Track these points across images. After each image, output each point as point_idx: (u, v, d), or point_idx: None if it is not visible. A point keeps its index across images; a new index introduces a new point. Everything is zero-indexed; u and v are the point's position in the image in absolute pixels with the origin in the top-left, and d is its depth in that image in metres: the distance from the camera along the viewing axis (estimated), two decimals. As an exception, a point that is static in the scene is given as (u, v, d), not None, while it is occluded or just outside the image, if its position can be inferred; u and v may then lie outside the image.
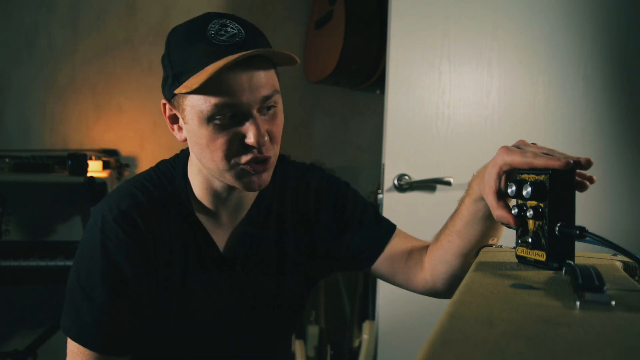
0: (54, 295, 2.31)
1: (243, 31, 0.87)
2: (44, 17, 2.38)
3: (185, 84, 0.85)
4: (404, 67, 1.77)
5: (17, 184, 2.17)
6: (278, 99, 0.91)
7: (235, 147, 0.87)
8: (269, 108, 0.89)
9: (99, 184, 2.04)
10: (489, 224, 0.90)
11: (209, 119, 0.86)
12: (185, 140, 0.94)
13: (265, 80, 0.87)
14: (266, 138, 0.87)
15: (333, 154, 2.61)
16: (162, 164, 1.03)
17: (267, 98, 0.87)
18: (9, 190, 2.08)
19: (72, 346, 0.92)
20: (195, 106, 0.86)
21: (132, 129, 2.45)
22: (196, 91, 0.85)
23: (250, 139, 0.86)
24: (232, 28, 0.86)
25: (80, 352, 0.91)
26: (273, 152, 0.91)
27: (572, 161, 0.70)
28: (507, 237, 0.96)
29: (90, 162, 2.12)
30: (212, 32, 0.85)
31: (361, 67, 2.21)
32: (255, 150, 0.88)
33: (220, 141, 0.87)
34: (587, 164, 0.71)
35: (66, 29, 2.40)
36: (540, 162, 0.73)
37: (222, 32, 0.86)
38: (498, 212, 0.78)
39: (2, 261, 1.94)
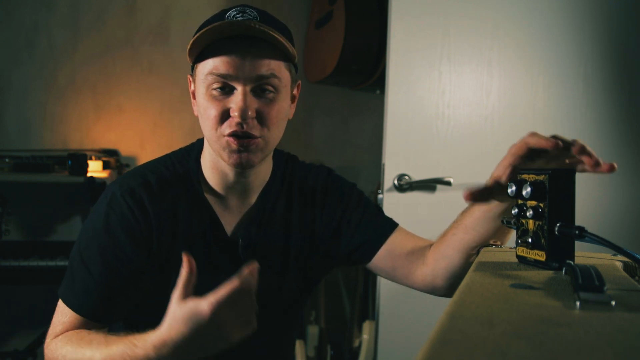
0: (54, 295, 2.31)
1: (259, 18, 0.92)
2: (44, 17, 2.38)
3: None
4: (404, 67, 1.77)
5: (17, 184, 2.17)
6: (278, 85, 0.93)
7: (222, 118, 0.92)
8: (265, 91, 0.92)
9: (99, 184, 2.04)
10: (497, 225, 0.90)
11: (207, 88, 0.91)
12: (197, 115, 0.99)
13: (266, 62, 0.90)
14: (250, 114, 0.90)
15: (333, 154, 2.61)
16: (178, 150, 1.08)
17: (262, 78, 0.90)
18: (9, 190, 2.08)
19: (61, 303, 0.97)
20: (199, 75, 0.92)
21: (132, 129, 2.45)
22: (198, 59, 0.92)
23: (234, 110, 0.90)
24: (249, 14, 0.92)
25: (66, 312, 0.96)
26: (261, 134, 0.93)
27: (561, 143, 0.73)
28: (507, 237, 0.96)
29: (90, 162, 2.12)
30: (230, 15, 0.92)
31: (361, 67, 2.21)
32: (238, 125, 0.90)
33: (211, 111, 0.91)
34: (572, 147, 0.74)
35: (66, 29, 2.40)
36: (533, 140, 0.76)
37: (239, 16, 0.91)
38: (498, 170, 0.79)
39: (2, 261, 1.94)
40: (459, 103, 1.78)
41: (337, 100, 2.61)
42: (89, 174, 2.06)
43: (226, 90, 0.91)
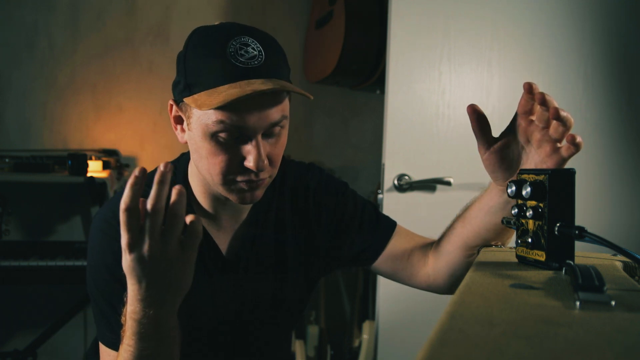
0: (54, 295, 2.31)
1: (263, 53, 0.85)
2: (44, 17, 2.38)
3: (195, 97, 0.85)
4: (404, 67, 1.77)
5: (17, 184, 2.17)
6: (285, 123, 0.90)
7: (233, 166, 0.87)
8: (274, 131, 0.89)
9: (99, 184, 2.04)
10: (495, 221, 0.89)
11: (213, 134, 0.85)
12: (186, 142, 0.94)
13: (275, 107, 0.86)
14: (266, 162, 0.87)
15: (333, 154, 2.61)
16: None
17: (274, 124, 0.87)
18: (9, 190, 2.07)
19: (103, 348, 0.94)
20: (201, 119, 0.85)
21: (132, 129, 2.45)
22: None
23: (250, 162, 0.86)
24: (252, 49, 0.85)
25: (111, 355, 0.92)
26: (270, 174, 0.91)
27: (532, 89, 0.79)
28: (507, 237, 0.96)
29: (90, 162, 2.12)
30: (231, 50, 0.83)
31: (361, 67, 2.21)
32: (252, 174, 0.87)
33: (220, 158, 0.86)
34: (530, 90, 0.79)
35: (66, 29, 2.40)
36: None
37: (242, 52, 0.84)
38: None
39: (2, 261, 1.94)
40: (459, 103, 1.78)
41: (337, 100, 2.61)
42: (89, 174, 2.06)
43: (235, 136, 0.86)
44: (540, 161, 0.82)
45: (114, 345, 0.89)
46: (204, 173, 0.91)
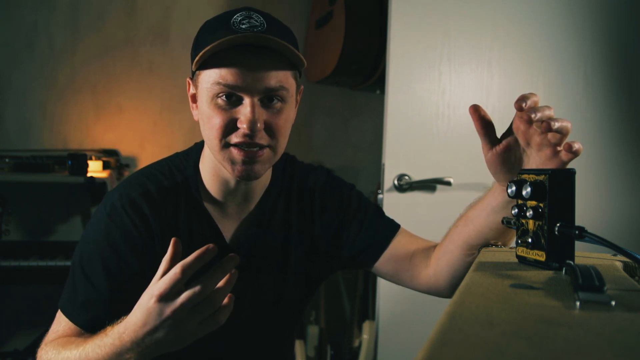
0: (54, 295, 2.31)
1: (266, 25, 0.89)
2: (44, 17, 2.38)
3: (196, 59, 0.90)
4: (404, 67, 1.77)
5: (17, 184, 2.17)
6: (286, 95, 0.92)
7: (229, 129, 0.90)
8: (272, 101, 0.90)
9: (99, 184, 2.04)
10: (497, 220, 0.89)
11: (212, 97, 0.89)
12: (197, 121, 0.97)
13: (273, 73, 0.89)
14: (259, 125, 0.89)
15: (333, 154, 2.61)
16: (175, 155, 1.07)
17: (270, 90, 0.89)
18: (9, 190, 2.07)
19: (59, 314, 0.97)
20: (203, 82, 0.90)
21: (132, 129, 2.45)
22: (202, 66, 0.89)
23: (242, 122, 0.88)
24: (255, 20, 0.89)
25: (65, 322, 0.95)
26: (269, 144, 0.92)
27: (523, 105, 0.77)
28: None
29: (90, 162, 2.12)
30: (235, 20, 0.89)
31: (361, 67, 2.21)
32: (245, 136, 0.89)
33: (217, 120, 0.90)
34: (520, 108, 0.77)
35: (66, 29, 2.40)
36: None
37: (245, 22, 0.89)
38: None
39: (2, 261, 1.94)
40: (459, 103, 1.78)
41: (337, 100, 2.61)
42: (89, 174, 2.06)
43: (233, 99, 0.89)
44: (541, 164, 0.82)
45: (70, 316, 0.94)
46: (208, 143, 0.94)
